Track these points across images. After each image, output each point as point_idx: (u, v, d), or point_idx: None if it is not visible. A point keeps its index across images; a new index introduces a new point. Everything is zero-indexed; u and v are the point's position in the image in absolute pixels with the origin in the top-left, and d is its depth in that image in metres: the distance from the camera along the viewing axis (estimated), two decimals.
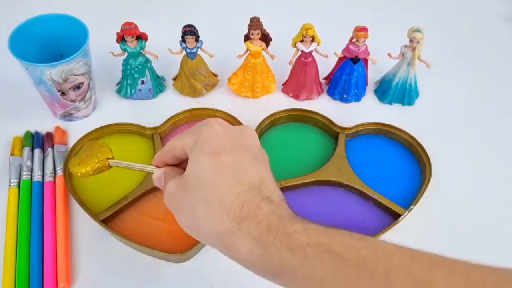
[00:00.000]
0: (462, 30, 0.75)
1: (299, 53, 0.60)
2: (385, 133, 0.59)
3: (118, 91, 0.63)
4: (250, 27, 0.57)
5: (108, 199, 0.51)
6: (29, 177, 0.54)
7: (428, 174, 0.54)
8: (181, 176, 0.35)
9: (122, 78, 0.62)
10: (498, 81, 0.68)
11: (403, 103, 0.64)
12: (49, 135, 0.58)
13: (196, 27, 0.57)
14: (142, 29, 0.57)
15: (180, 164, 0.39)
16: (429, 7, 0.78)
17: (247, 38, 0.59)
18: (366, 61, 0.62)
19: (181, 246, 0.48)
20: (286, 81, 0.64)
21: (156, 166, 0.40)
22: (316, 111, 0.60)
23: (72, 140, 0.58)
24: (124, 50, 0.58)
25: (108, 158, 0.45)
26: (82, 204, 0.50)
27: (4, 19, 0.63)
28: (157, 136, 0.57)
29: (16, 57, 0.52)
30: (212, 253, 0.50)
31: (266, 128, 0.59)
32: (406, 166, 0.57)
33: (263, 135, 0.59)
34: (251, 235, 0.31)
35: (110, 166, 0.45)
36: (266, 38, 0.59)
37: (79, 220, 0.52)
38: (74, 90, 0.56)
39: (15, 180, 0.53)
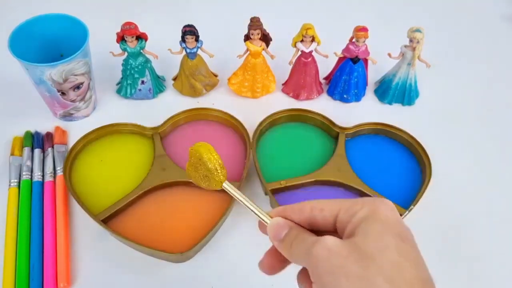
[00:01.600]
0: (462, 30, 0.75)
1: (299, 53, 0.60)
2: (385, 133, 0.59)
3: (118, 91, 0.63)
4: (250, 27, 0.57)
5: (108, 199, 0.51)
6: (29, 177, 0.54)
7: (428, 174, 0.54)
8: (349, 240, 0.31)
9: (122, 78, 0.62)
10: (498, 81, 0.68)
11: (403, 103, 0.64)
12: (49, 135, 0.58)
13: (196, 27, 0.57)
14: (142, 29, 0.57)
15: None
16: (429, 8, 0.78)
17: (247, 38, 0.59)
18: (366, 61, 0.62)
19: (181, 246, 0.48)
20: (286, 81, 0.64)
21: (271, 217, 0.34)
22: (316, 111, 0.60)
23: (72, 140, 0.58)
24: (124, 50, 0.58)
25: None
26: (82, 204, 0.50)
27: (4, 19, 0.63)
28: (157, 136, 0.57)
29: (16, 57, 0.52)
30: (212, 253, 0.50)
31: (266, 128, 0.59)
32: (406, 166, 0.57)
33: (263, 135, 0.59)
34: None
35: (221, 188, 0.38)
36: (266, 38, 0.59)
37: (79, 220, 0.52)
38: (74, 90, 0.56)
39: (15, 180, 0.53)
